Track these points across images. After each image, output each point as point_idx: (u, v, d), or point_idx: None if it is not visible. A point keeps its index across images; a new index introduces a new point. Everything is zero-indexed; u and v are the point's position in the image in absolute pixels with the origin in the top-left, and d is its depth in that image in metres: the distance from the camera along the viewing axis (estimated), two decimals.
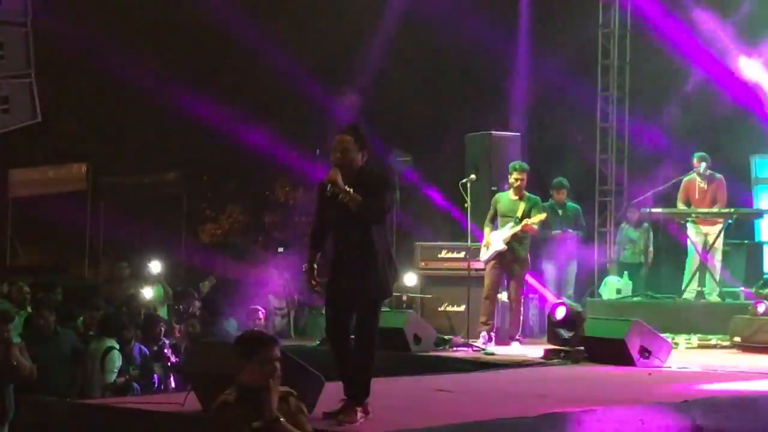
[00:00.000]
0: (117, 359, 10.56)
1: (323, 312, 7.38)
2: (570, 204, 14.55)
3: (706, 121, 17.18)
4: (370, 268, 6.95)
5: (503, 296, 12.83)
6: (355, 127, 7.22)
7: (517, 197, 12.47)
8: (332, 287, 7.12)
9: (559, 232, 14.14)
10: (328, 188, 6.97)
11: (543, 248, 14.21)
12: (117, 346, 10.66)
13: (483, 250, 12.52)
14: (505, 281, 12.60)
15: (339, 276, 7.07)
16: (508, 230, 12.29)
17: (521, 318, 12.61)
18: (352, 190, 6.91)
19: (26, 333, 10.75)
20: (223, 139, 23.10)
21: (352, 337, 7.09)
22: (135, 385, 10.50)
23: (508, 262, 12.32)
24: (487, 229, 12.52)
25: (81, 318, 12.45)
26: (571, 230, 14.28)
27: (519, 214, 12.33)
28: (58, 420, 7.43)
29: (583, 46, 18.00)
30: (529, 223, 12.24)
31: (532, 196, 12.55)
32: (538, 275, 14.21)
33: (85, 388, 10.50)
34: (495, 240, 12.34)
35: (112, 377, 10.43)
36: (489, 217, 12.58)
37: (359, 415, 6.75)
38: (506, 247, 12.26)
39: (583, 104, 17.87)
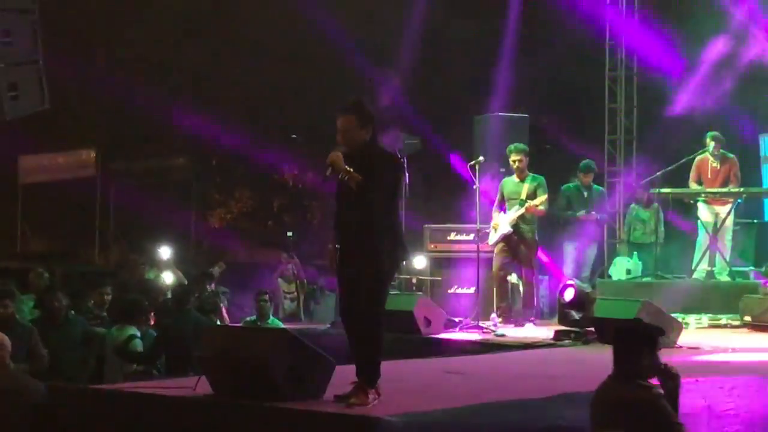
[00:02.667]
0: (139, 347, 10.61)
1: (329, 294, 7.40)
2: (596, 187, 14.56)
3: (715, 99, 17.10)
4: (371, 248, 6.88)
5: (513, 278, 12.84)
6: (355, 104, 7.10)
7: (519, 179, 12.51)
8: (341, 268, 7.11)
9: (583, 213, 14.15)
10: (328, 171, 6.95)
11: (566, 229, 14.22)
12: (138, 334, 10.69)
13: (491, 233, 12.59)
14: (515, 263, 12.64)
15: (345, 257, 7.05)
16: (513, 212, 12.35)
17: (535, 300, 12.64)
18: (352, 169, 6.85)
19: (39, 318, 10.80)
20: (232, 124, 23.12)
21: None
22: (155, 372, 10.54)
23: (515, 244, 12.38)
24: (495, 213, 12.63)
25: (91, 301, 12.50)
26: (594, 213, 14.28)
27: (523, 195, 12.37)
28: (70, 405, 7.46)
29: (590, 28, 17.94)
30: (531, 204, 12.25)
31: (536, 176, 12.58)
32: (558, 255, 14.23)
33: (104, 374, 10.53)
34: (502, 223, 12.41)
35: (134, 365, 10.48)
36: (497, 201, 12.67)
37: (371, 396, 6.72)
38: (512, 229, 12.32)
39: (591, 85, 17.83)
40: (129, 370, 10.45)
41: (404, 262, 7.35)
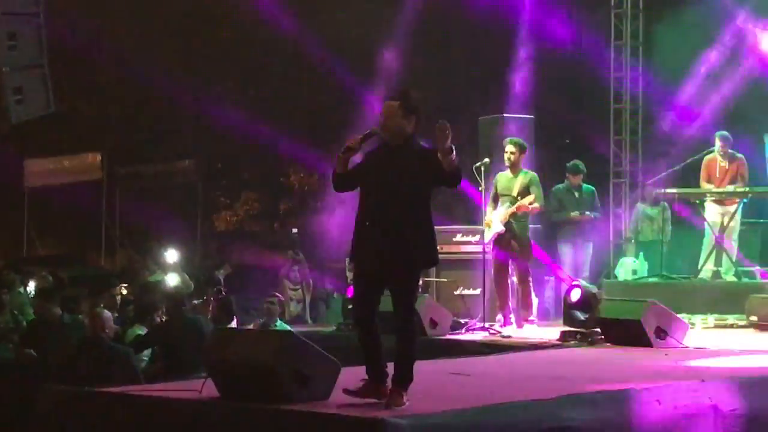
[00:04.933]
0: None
1: (336, 296, 7.37)
2: (586, 186, 14.51)
3: (722, 99, 17.09)
4: (414, 236, 6.81)
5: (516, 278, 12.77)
6: (403, 92, 7.07)
7: (512, 174, 12.33)
8: (365, 261, 6.99)
9: (576, 214, 14.12)
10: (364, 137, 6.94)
11: (559, 230, 14.21)
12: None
13: (486, 230, 12.46)
14: (510, 262, 12.49)
15: (375, 247, 6.88)
16: (504, 210, 12.19)
17: (531, 299, 12.54)
18: (392, 162, 6.85)
19: (33, 323, 10.84)
20: (238, 127, 23.14)
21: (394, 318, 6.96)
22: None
23: (507, 242, 12.22)
24: (489, 209, 12.39)
25: (101, 303, 12.55)
26: (587, 212, 14.25)
27: (515, 192, 12.20)
28: (76, 409, 7.46)
29: (595, 27, 17.92)
30: (521, 204, 12.11)
31: (529, 172, 12.40)
32: (554, 257, 14.20)
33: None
34: (494, 221, 12.25)
35: (142, 364, 10.50)
36: (491, 197, 12.43)
37: (404, 399, 6.71)
38: (504, 228, 12.20)
39: (596, 86, 17.80)
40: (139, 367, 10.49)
41: (436, 264, 7.26)
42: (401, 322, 6.93)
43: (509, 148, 12.38)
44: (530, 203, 12.11)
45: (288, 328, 12.30)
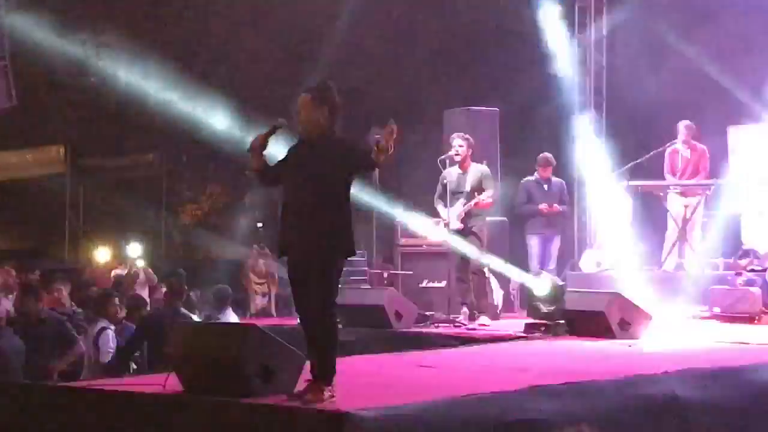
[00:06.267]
0: (111, 340, 10.58)
1: None
2: (555, 179, 14.54)
3: (684, 91, 17.14)
4: (330, 228, 6.81)
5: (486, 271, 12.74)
6: (316, 84, 7.07)
7: (462, 170, 12.17)
8: (288, 256, 6.99)
9: (544, 206, 14.13)
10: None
11: (528, 222, 14.23)
12: (112, 327, 10.69)
13: (440, 230, 12.33)
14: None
15: (294, 242, 6.92)
16: (459, 207, 12.06)
17: (489, 292, 12.51)
18: (310, 156, 6.87)
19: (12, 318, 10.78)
20: (202, 119, 23.03)
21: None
22: (133, 365, 10.53)
23: (464, 238, 12.13)
24: (439, 207, 12.24)
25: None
26: (556, 204, 14.27)
27: (468, 187, 12.10)
28: (37, 404, 7.41)
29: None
30: (479, 200, 11.98)
31: (479, 166, 12.26)
32: (522, 250, 14.23)
33: (77, 370, 10.49)
34: (451, 218, 12.05)
35: (108, 357, 10.45)
36: (437, 194, 12.27)
37: (326, 394, 6.62)
38: (462, 225, 12.06)
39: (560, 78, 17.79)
40: (103, 362, 10.42)
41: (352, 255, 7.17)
42: (315, 313, 6.85)
43: (457, 142, 12.20)
44: (485, 199, 12.03)
45: (236, 319, 12.20)
